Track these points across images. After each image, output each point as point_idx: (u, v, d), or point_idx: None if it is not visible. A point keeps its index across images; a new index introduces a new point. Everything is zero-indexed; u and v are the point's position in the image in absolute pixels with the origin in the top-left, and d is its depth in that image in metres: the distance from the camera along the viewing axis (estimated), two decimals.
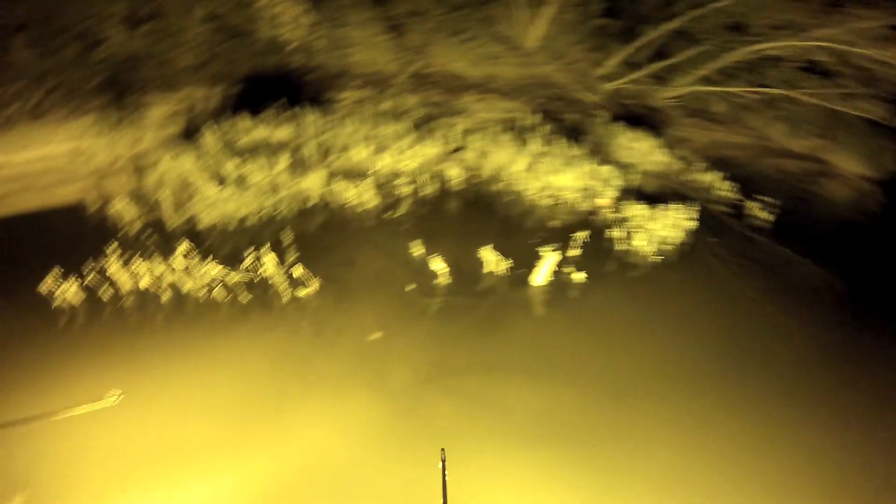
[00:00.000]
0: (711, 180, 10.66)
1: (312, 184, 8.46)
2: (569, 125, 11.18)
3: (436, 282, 7.23)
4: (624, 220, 8.81)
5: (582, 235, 7.86)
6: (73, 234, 7.42)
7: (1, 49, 8.95)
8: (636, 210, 8.75)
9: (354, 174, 9.09)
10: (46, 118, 8.86)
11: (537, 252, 7.59)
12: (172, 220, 7.66)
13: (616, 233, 8.46)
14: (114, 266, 6.52)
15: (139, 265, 6.57)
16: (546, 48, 13.44)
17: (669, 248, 8.53)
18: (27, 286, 6.36)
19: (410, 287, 7.10)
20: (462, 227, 8.59)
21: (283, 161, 8.50)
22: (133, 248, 7.10)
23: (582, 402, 5.98)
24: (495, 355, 6.42)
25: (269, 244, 7.31)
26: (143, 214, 7.67)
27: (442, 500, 3.23)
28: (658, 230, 8.51)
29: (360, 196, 8.58)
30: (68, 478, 4.78)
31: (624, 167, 10.49)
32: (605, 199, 9.27)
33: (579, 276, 7.44)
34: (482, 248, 7.56)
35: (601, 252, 8.30)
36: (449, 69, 13.08)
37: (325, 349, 6.21)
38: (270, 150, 8.75)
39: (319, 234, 8.02)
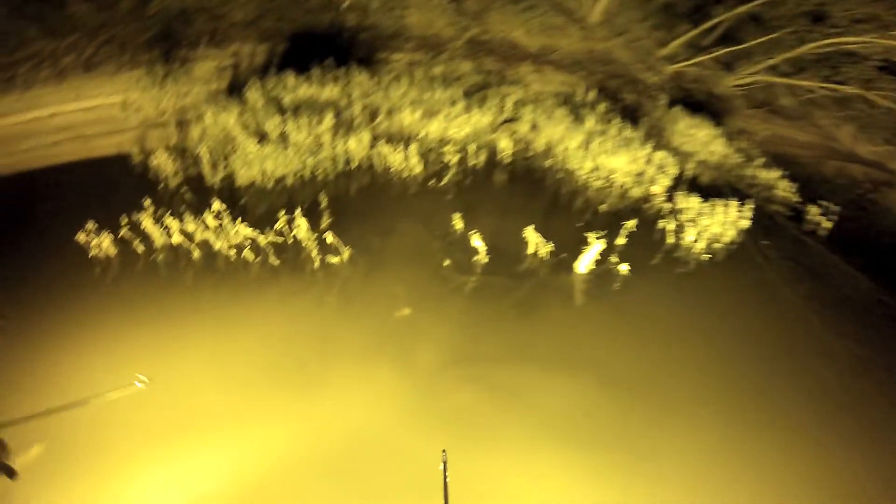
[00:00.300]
0: (770, 178, 9.73)
1: (355, 146, 8.08)
2: (626, 105, 10.39)
3: (474, 259, 6.81)
4: (675, 211, 8.11)
5: (630, 224, 7.20)
6: (115, 185, 7.32)
7: (59, 3, 8.84)
8: (689, 202, 8.01)
9: (400, 139, 8.67)
10: (98, 70, 8.74)
11: (582, 236, 7.07)
12: (211, 177, 7.46)
13: (666, 224, 7.77)
14: (149, 220, 6.36)
15: (173, 221, 6.40)
16: (609, 23, 12.51)
17: (719, 245, 7.80)
18: (66, 234, 6.26)
19: (447, 263, 6.71)
20: (507, 203, 8.08)
21: (327, 121, 8.11)
22: (170, 203, 6.96)
23: (614, 403, 5.53)
24: (527, 344, 5.99)
25: (304, 207, 7.01)
26: (182, 169, 7.49)
27: (443, 500, 3.13)
28: (710, 225, 7.79)
29: (404, 162, 8.16)
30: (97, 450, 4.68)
31: (680, 155, 9.69)
32: (657, 187, 8.55)
33: (623, 268, 6.83)
34: (526, 226, 7.07)
35: (649, 243, 7.66)
36: (506, 37, 12.37)
37: (351, 321, 5.91)
38: (315, 109, 8.39)
39: (358, 200, 7.69)
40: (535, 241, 6.89)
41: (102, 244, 6.18)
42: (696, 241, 7.61)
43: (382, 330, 5.87)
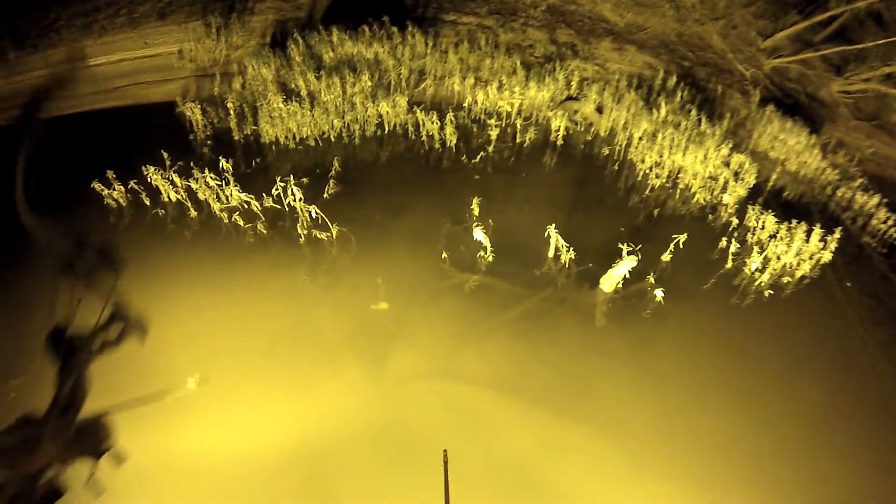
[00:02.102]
0: (868, 202, 7.13)
1: (389, 111, 6.83)
2: (709, 97, 8.11)
3: (481, 255, 5.43)
4: (744, 228, 6.06)
5: (682, 238, 5.33)
6: (154, 132, 6.71)
7: None
8: (764, 220, 5.91)
9: (441, 106, 7.38)
10: (170, 19, 8.15)
11: (620, 245, 5.31)
12: (237, 132, 6.61)
13: (729, 243, 5.77)
14: (158, 175, 5.64)
15: (179, 176, 5.63)
16: (707, 4, 9.95)
17: (789, 279, 5.74)
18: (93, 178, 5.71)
19: (445, 256, 5.43)
20: (545, 191, 6.53)
21: (364, 81, 6.90)
22: (192, 155, 6.19)
23: (620, 473, 3.97)
24: (522, 371, 4.70)
25: (318, 171, 6.00)
26: (214, 122, 6.72)
27: (444, 501, 2.85)
28: (783, 253, 5.71)
29: (439, 132, 6.84)
30: None
31: (764, 161, 7.41)
32: (729, 196, 6.49)
33: (658, 293, 5.08)
34: (553, 223, 5.47)
35: (703, 263, 5.85)
36: (593, 10, 10.29)
37: (329, 306, 4.92)
38: (355, 68, 7.16)
39: (378, 169, 6.63)
40: (557, 243, 5.33)
41: (115, 193, 5.53)
42: (760, 269, 5.59)
43: (357, 322, 4.84)
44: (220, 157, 5.80)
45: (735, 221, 6.18)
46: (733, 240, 5.85)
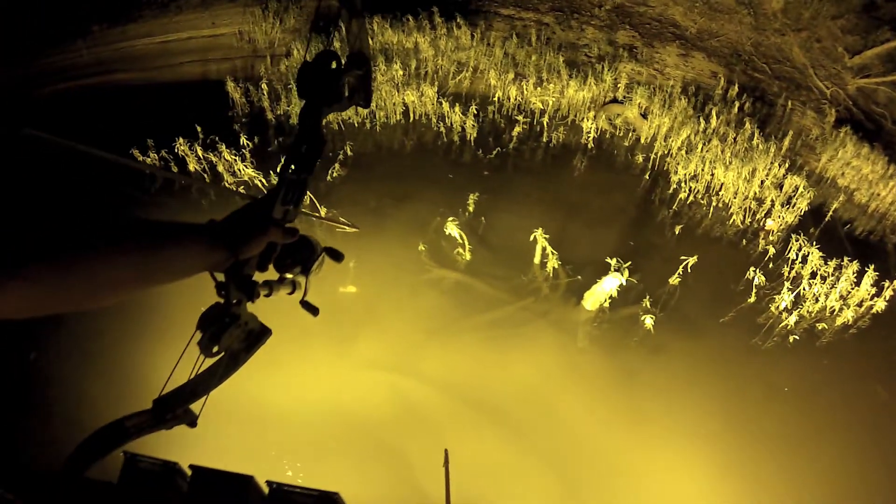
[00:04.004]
0: None
1: (416, 100, 6.70)
2: (775, 112, 7.01)
3: (458, 252, 5.11)
4: (782, 260, 5.20)
5: (692, 260, 4.66)
6: (205, 106, 7.06)
7: None
8: (808, 253, 5.02)
9: (474, 99, 7.07)
10: (238, 1, 8.47)
11: (609, 260, 4.76)
12: (270, 112, 6.78)
13: (757, 274, 4.97)
14: (185, 146, 5.88)
15: (218, 148, 5.87)
16: (790, 14, 8.69)
17: (823, 326, 4.82)
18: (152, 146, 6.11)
19: (422, 248, 5.16)
20: (561, 194, 6.03)
21: (394, 71, 6.80)
22: (229, 130, 6.43)
23: None
24: (477, 384, 4.36)
25: (333, 155, 5.94)
26: (256, 100, 6.97)
27: (445, 500, 2.79)
28: (823, 292, 4.83)
29: (462, 124, 6.58)
30: None
31: (828, 188, 6.30)
32: (774, 222, 5.62)
33: (648, 321, 4.47)
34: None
35: (724, 294, 5.07)
36: (664, 13, 9.41)
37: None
38: (394, 56, 7.10)
39: (393, 156, 6.50)
40: (543, 249, 4.87)
41: (149, 160, 5.92)
42: (789, 309, 4.76)
43: (333, 304, 4.66)
44: (242, 135, 6.03)
45: (772, 250, 5.33)
46: (760, 271, 5.01)
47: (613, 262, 4.45)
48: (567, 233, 5.31)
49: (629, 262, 4.38)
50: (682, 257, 4.66)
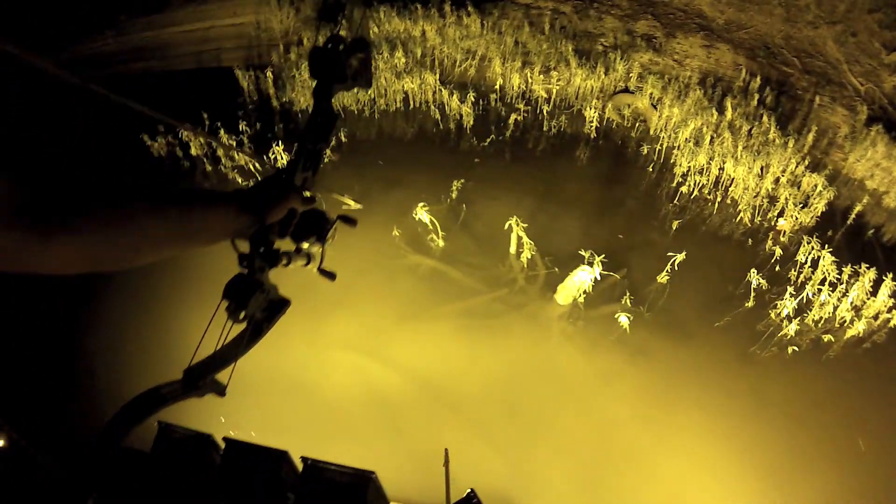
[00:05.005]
0: None
1: (416, 87, 6.60)
2: (800, 107, 6.37)
3: (431, 238, 4.94)
4: (791, 263, 4.73)
5: (680, 257, 4.30)
6: (215, 93, 7.24)
7: None
8: (820, 256, 4.53)
9: (478, 87, 6.90)
10: None
11: (582, 252, 4.42)
12: (275, 99, 6.84)
13: (764, 277, 4.54)
14: (189, 131, 5.97)
15: (220, 134, 5.99)
16: (824, 7, 7.95)
17: (829, 337, 4.32)
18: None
19: (396, 233, 5.01)
20: (556, 184, 5.73)
21: (396, 58, 6.72)
22: (234, 116, 6.52)
23: None
24: (442, 373, 4.21)
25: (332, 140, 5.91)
26: (263, 87, 7.14)
27: (445, 500, 2.75)
28: (832, 300, 4.35)
29: (459, 111, 6.40)
30: None
31: (854, 189, 5.68)
32: (786, 222, 5.13)
33: (623, 320, 4.15)
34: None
35: (720, 296, 4.65)
36: (690, 4, 8.86)
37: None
38: (397, 44, 7.02)
39: (387, 143, 6.37)
40: (519, 239, 4.59)
41: (157, 145, 6.08)
42: (791, 316, 4.30)
43: (311, 283, 4.56)
44: (244, 122, 6.11)
45: (779, 252, 4.85)
46: (765, 274, 4.57)
47: (587, 254, 4.14)
48: (556, 224, 5.04)
49: (602, 256, 4.06)
50: (669, 253, 4.29)
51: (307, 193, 1.09)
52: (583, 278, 4.07)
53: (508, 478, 3.57)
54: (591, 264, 4.05)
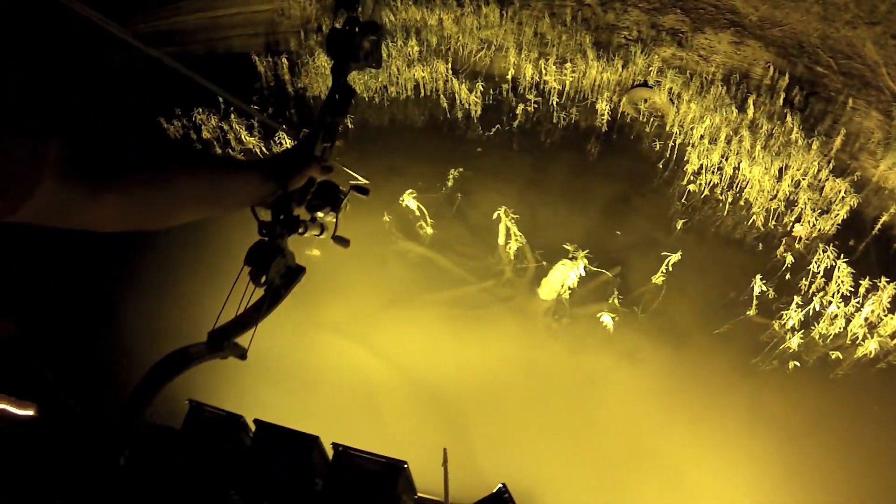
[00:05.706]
0: None
1: (427, 76, 6.53)
2: (831, 109, 5.90)
3: (422, 226, 4.83)
4: (802, 272, 4.40)
5: (675, 257, 4.07)
6: (234, 78, 7.30)
7: None
8: (835, 265, 4.18)
9: (491, 77, 6.77)
10: None
11: (567, 246, 4.18)
12: (290, 85, 6.88)
13: (774, 294, 4.24)
14: (203, 115, 6.13)
15: (231, 118, 6.06)
16: (863, 6, 7.41)
17: (846, 347, 3.97)
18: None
19: (387, 218, 4.92)
20: (558, 176, 5.54)
21: (410, 47, 6.64)
22: (249, 101, 6.65)
23: None
24: (423, 363, 4.10)
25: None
26: (281, 73, 7.15)
27: (444, 499, 2.72)
28: (842, 313, 4.02)
29: (468, 101, 6.26)
30: None
31: (885, 199, 5.20)
32: (802, 228, 4.78)
33: (606, 319, 3.94)
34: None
35: (722, 302, 4.36)
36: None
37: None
38: (411, 32, 6.95)
39: (394, 131, 6.32)
40: (507, 230, 4.42)
41: (172, 128, 6.24)
42: (795, 329, 4.00)
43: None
44: (254, 105, 6.17)
45: (790, 259, 4.51)
46: (773, 282, 4.29)
47: (571, 248, 3.93)
48: (555, 217, 4.87)
49: (587, 251, 3.85)
50: (664, 253, 4.06)
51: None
52: (564, 273, 3.88)
53: (482, 471, 3.47)
54: (573, 259, 3.86)
